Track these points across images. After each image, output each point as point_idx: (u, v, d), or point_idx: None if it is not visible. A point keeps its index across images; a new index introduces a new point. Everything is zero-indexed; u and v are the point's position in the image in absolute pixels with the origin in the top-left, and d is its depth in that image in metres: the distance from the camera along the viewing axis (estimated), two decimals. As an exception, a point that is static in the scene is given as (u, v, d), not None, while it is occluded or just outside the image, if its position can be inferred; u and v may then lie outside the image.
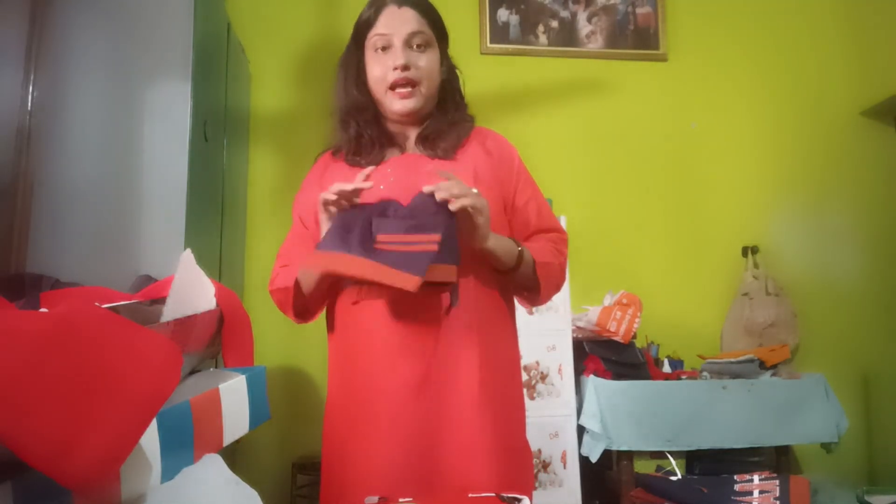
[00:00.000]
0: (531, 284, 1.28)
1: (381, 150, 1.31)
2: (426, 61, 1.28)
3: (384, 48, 1.27)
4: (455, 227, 1.11)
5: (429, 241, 1.07)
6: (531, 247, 1.28)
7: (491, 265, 1.24)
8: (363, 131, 1.31)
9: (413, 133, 1.33)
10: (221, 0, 2.48)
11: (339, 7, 3.09)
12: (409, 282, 1.03)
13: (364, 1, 1.33)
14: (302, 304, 1.29)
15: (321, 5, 3.14)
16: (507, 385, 1.27)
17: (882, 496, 2.43)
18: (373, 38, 1.28)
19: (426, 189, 1.11)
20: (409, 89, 1.26)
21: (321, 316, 1.36)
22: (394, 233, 1.09)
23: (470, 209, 1.11)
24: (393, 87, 1.26)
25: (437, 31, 1.32)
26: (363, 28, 1.30)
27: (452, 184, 1.12)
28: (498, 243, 1.21)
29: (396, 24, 1.26)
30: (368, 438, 1.18)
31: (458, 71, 1.38)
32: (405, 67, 1.25)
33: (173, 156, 1.93)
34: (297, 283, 1.25)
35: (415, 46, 1.27)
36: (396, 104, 1.27)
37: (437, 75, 1.31)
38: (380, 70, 1.27)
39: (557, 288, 1.34)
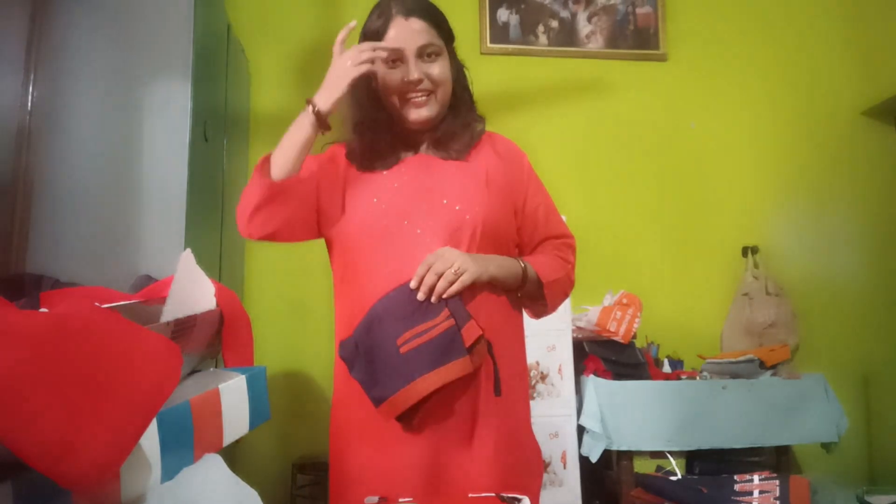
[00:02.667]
0: (537, 298, 1.30)
1: (395, 154, 1.32)
2: (438, 70, 1.28)
3: (395, 61, 1.27)
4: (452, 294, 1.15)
5: (443, 319, 1.11)
6: (537, 261, 1.30)
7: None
8: (378, 138, 1.31)
9: (426, 135, 1.34)
10: (221, 0, 2.47)
11: (339, 7, 3.09)
12: (461, 368, 1.10)
13: (364, 2, 1.34)
14: (272, 193, 1.20)
15: (321, 5, 3.14)
16: (516, 387, 1.27)
17: (882, 496, 2.44)
18: (384, 53, 1.27)
19: (412, 285, 1.14)
20: (425, 97, 1.27)
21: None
22: (407, 329, 1.12)
23: (460, 286, 1.14)
24: (407, 96, 1.27)
25: (445, 35, 1.32)
26: (371, 39, 1.29)
27: (431, 275, 1.14)
28: (500, 269, 1.23)
29: (406, 37, 1.26)
30: (376, 436, 1.19)
31: (465, 69, 1.38)
32: (419, 82, 1.26)
33: (173, 156, 1.93)
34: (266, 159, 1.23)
35: (426, 57, 1.27)
36: (412, 113, 1.28)
37: (450, 82, 1.31)
38: (392, 81, 1.27)
39: (565, 297, 1.36)
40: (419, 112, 1.27)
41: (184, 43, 1.98)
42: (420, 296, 1.13)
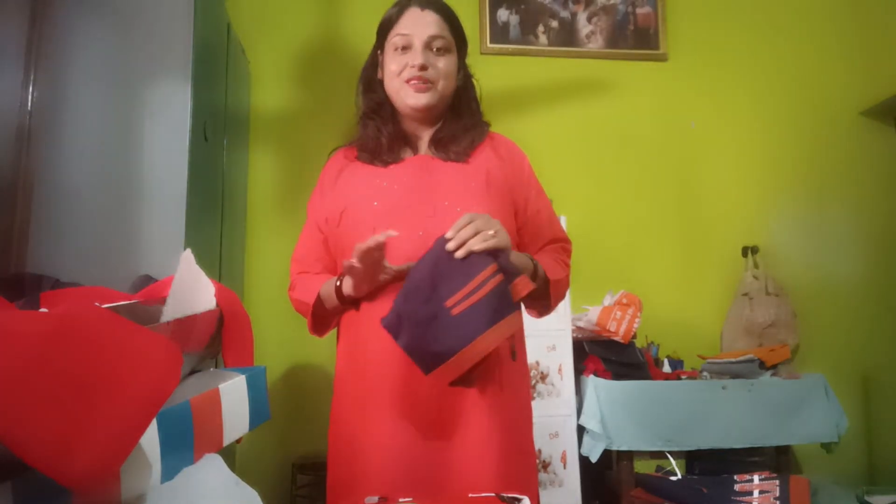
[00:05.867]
0: (542, 297, 1.30)
1: (396, 151, 1.33)
2: (444, 64, 1.30)
3: (404, 48, 1.29)
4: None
5: (492, 274, 1.09)
6: (542, 260, 1.30)
7: None
8: (381, 129, 1.33)
9: (426, 134, 1.35)
10: (221, 0, 2.47)
11: (339, 7, 3.09)
12: (515, 323, 1.11)
13: (363, 2, 1.35)
14: (321, 320, 1.31)
15: (321, 5, 3.14)
16: (517, 389, 1.27)
17: (882, 496, 2.44)
18: (394, 38, 1.30)
19: (449, 246, 1.11)
20: (425, 84, 1.29)
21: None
22: (457, 290, 1.09)
23: (491, 247, 1.11)
24: (408, 81, 1.29)
25: (457, 37, 1.34)
26: (385, 27, 1.33)
27: (469, 229, 1.11)
28: (518, 259, 1.23)
29: (418, 26, 1.29)
30: (376, 437, 1.19)
31: (474, 80, 1.40)
32: (423, 67, 1.27)
33: (173, 156, 1.93)
34: (318, 299, 1.27)
35: (434, 49, 1.29)
36: (411, 98, 1.29)
37: (453, 78, 1.33)
38: (397, 66, 1.29)
39: (562, 299, 1.37)
40: (418, 98, 1.29)
41: (184, 43, 1.98)
42: (451, 245, 1.10)
